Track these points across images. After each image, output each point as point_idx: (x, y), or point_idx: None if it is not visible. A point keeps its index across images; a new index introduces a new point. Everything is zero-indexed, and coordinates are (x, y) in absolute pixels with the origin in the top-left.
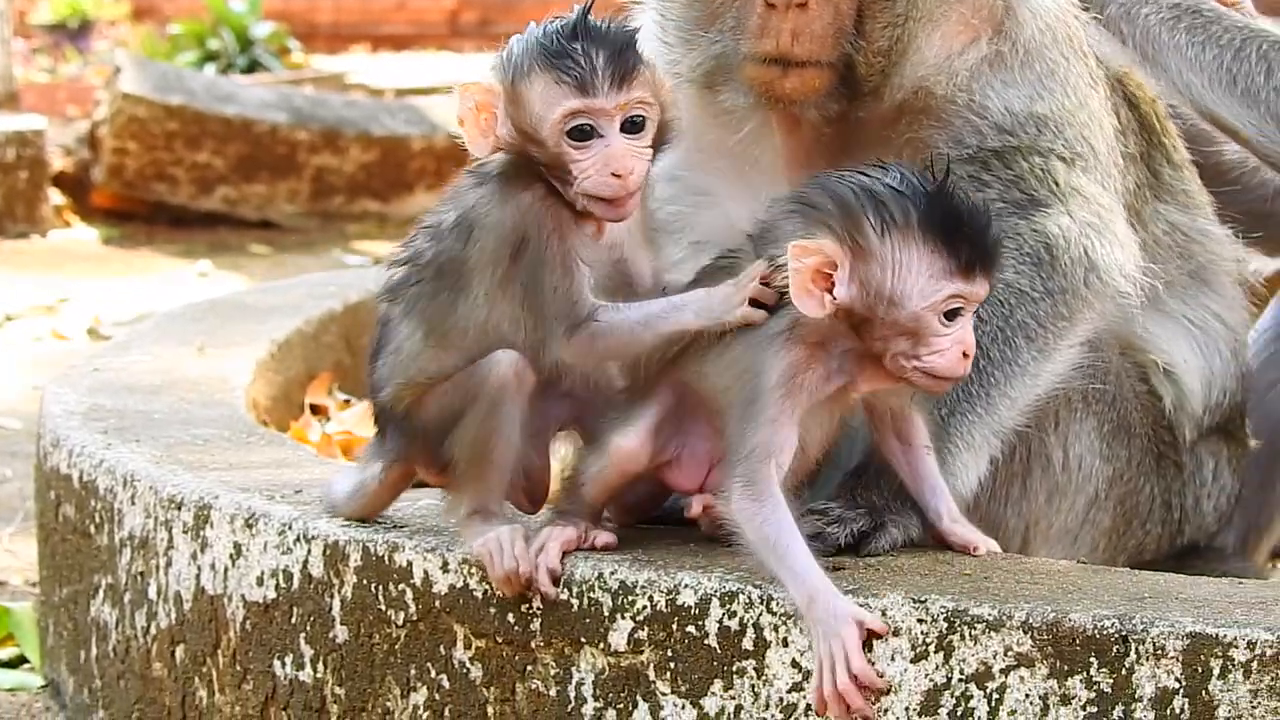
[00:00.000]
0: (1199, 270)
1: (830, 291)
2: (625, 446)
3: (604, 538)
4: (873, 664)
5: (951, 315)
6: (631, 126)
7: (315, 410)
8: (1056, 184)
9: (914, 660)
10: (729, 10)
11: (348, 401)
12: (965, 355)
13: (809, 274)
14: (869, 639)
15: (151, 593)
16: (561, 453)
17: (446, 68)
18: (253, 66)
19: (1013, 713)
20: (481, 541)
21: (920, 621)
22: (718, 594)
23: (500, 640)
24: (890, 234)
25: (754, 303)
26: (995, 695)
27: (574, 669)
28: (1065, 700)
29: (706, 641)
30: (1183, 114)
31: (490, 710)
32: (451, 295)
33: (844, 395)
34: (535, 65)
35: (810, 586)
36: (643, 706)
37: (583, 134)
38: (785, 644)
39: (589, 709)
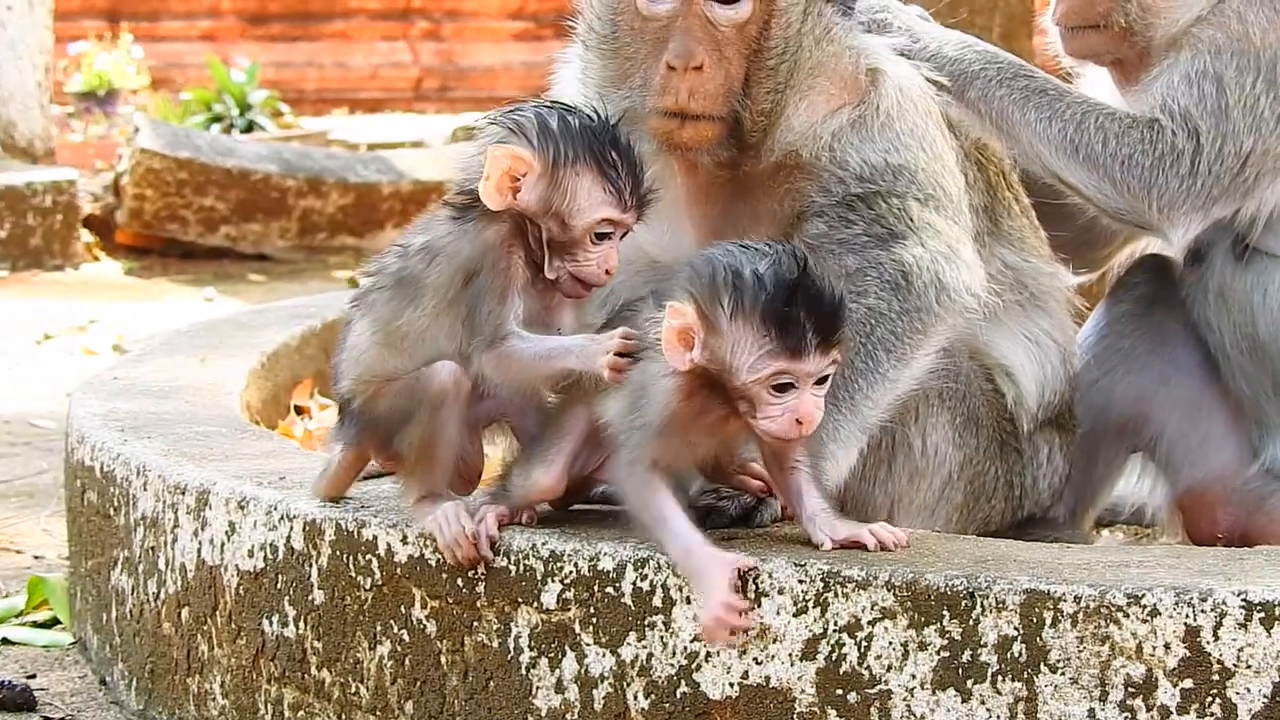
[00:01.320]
0: (1032, 298)
1: (690, 350)
2: (544, 483)
3: (528, 513)
4: (749, 603)
5: (781, 389)
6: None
7: (299, 411)
8: (911, 220)
9: (795, 615)
10: (638, 70)
11: (326, 404)
12: (799, 423)
13: (675, 334)
14: (744, 580)
15: (161, 564)
16: (499, 441)
17: (411, 126)
18: (250, 127)
19: (878, 657)
20: (431, 518)
21: (800, 582)
22: (632, 560)
23: (451, 601)
24: (736, 314)
25: (622, 355)
26: (864, 643)
27: (513, 624)
28: (922, 647)
29: (623, 600)
30: (1035, 174)
31: (443, 660)
32: (403, 304)
33: (723, 423)
34: (582, 157)
35: (685, 542)
36: (570, 655)
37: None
38: (689, 601)
39: (525, 657)
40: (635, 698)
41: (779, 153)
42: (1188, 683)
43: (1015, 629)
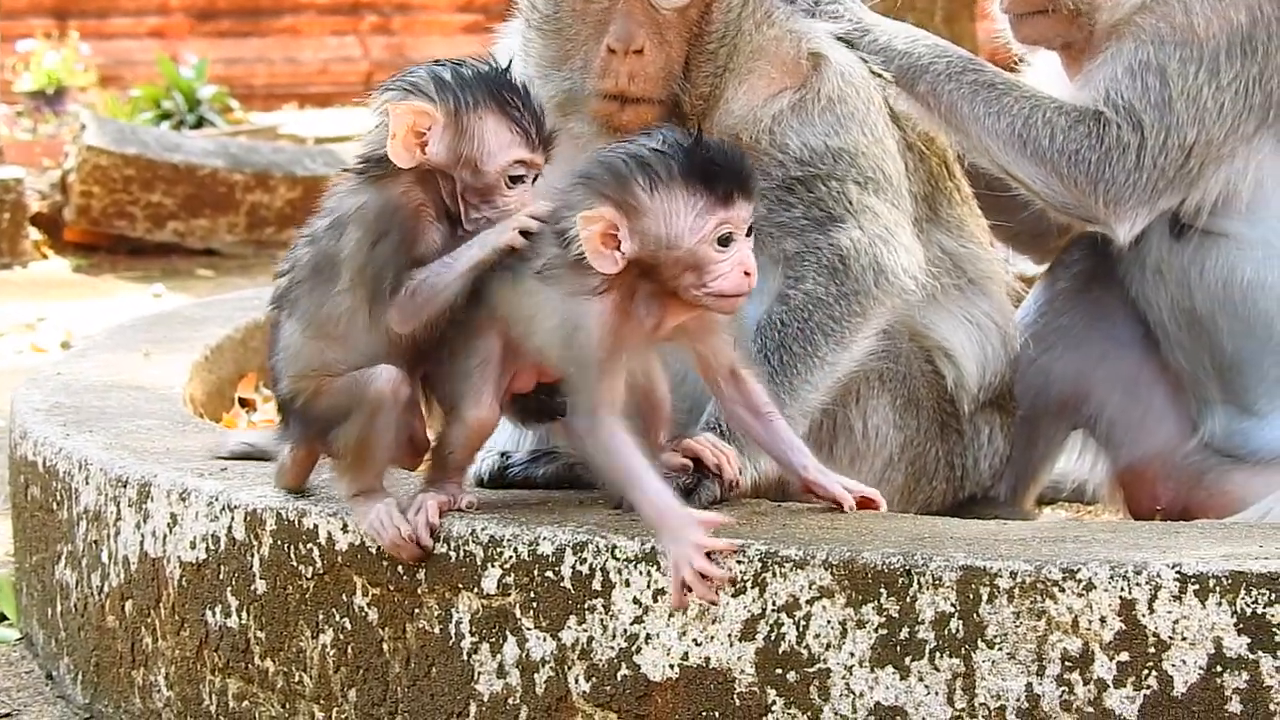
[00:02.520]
0: (971, 282)
1: (619, 249)
2: (480, 416)
3: (468, 499)
4: (725, 573)
5: (724, 241)
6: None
7: (244, 403)
8: (850, 203)
9: (734, 595)
10: (578, 53)
11: (270, 396)
12: (747, 273)
13: (597, 238)
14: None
15: (104, 557)
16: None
17: (361, 119)
18: (200, 123)
19: (817, 636)
20: (367, 523)
21: (739, 562)
22: (570, 544)
23: (392, 588)
24: (658, 187)
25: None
26: (803, 622)
27: (454, 610)
28: (860, 624)
29: (562, 584)
30: (983, 167)
31: (385, 646)
32: (325, 288)
33: (656, 333)
34: (483, 102)
35: (660, 504)
36: (511, 640)
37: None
38: (628, 584)
39: (467, 643)
40: (576, 681)
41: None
42: (1124, 656)
43: (952, 605)
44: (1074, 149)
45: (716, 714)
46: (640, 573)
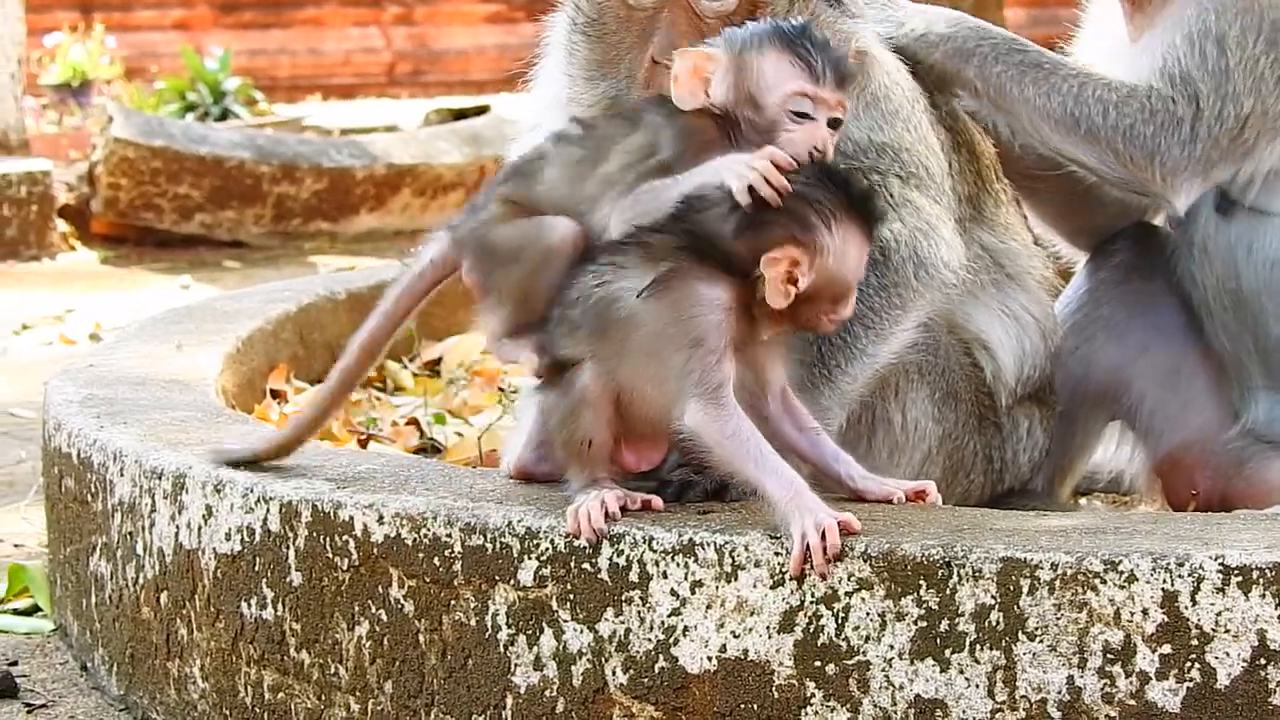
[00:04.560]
0: (1010, 277)
1: (795, 284)
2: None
3: (643, 498)
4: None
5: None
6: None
7: (275, 395)
8: (891, 196)
9: (772, 587)
10: (624, 59)
11: (302, 387)
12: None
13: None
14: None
15: (139, 549)
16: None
17: (385, 111)
18: (225, 115)
19: (856, 628)
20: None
21: (776, 554)
22: (608, 536)
23: (428, 580)
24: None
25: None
26: (841, 614)
27: (490, 602)
28: (900, 617)
29: (600, 576)
30: (1034, 147)
31: (421, 639)
32: (590, 164)
33: (749, 340)
34: (766, 38)
35: (792, 483)
36: (548, 632)
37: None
38: (665, 576)
39: (503, 635)
40: (614, 673)
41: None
42: (1166, 648)
43: (992, 597)
44: (1128, 124)
45: (755, 706)
46: (678, 564)
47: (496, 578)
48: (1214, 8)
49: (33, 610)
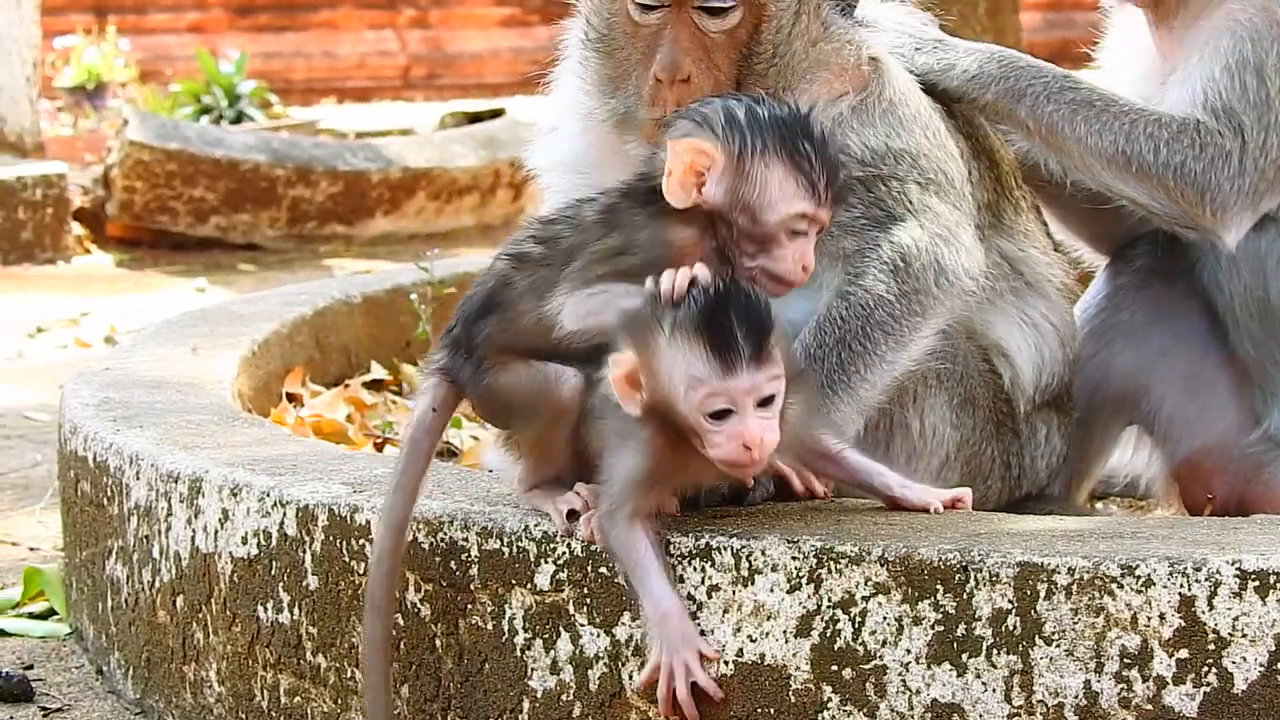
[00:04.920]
0: (1029, 285)
1: (639, 392)
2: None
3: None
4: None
5: (718, 415)
6: None
7: (290, 398)
8: (910, 203)
9: (789, 591)
10: (632, 74)
11: (318, 390)
12: (748, 447)
13: (623, 380)
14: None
15: (155, 553)
16: None
17: (399, 114)
18: (239, 118)
19: (873, 632)
20: (551, 505)
21: (794, 558)
22: None
23: (445, 584)
24: (675, 334)
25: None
26: (858, 618)
27: (506, 606)
28: (916, 621)
29: (616, 580)
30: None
31: (438, 643)
32: (561, 267)
33: (704, 463)
34: (770, 147)
35: (664, 608)
36: (565, 636)
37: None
38: (681, 580)
39: (520, 639)
40: (630, 677)
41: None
42: (1183, 653)
43: (1009, 602)
44: (1179, 161)
45: (771, 711)
46: (694, 569)
47: (513, 582)
48: (1249, 35)
49: (49, 614)
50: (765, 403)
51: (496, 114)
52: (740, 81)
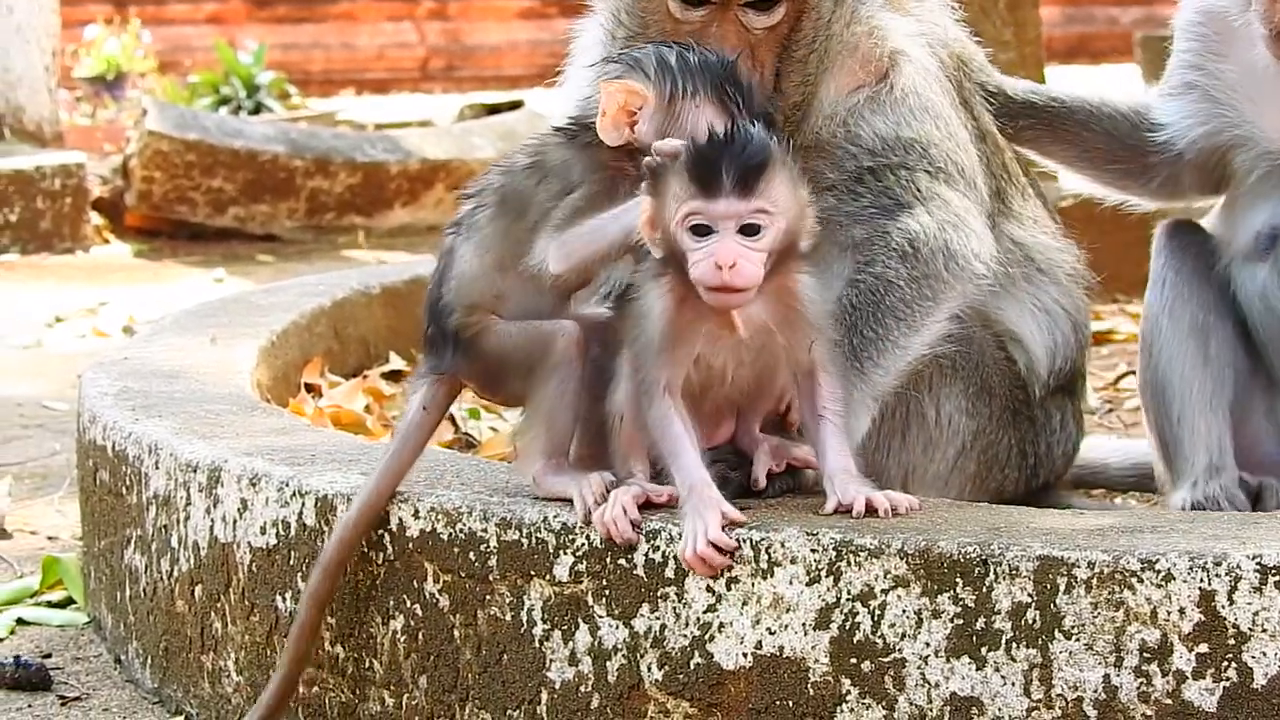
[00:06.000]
0: (1040, 270)
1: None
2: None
3: (668, 492)
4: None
5: (699, 231)
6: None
7: (309, 389)
8: (919, 191)
9: (808, 584)
10: None
11: (337, 381)
12: (719, 266)
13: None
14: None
15: (173, 542)
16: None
17: (418, 105)
18: (258, 109)
19: (892, 625)
20: (576, 488)
21: (813, 551)
22: (644, 532)
23: (463, 575)
24: (668, 172)
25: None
26: (877, 611)
27: (525, 597)
28: (936, 614)
29: (635, 572)
30: None
31: (457, 634)
32: (509, 222)
33: (725, 322)
34: (700, 89)
35: (692, 479)
36: (583, 627)
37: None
38: (716, 576)
39: (538, 630)
40: (649, 669)
41: (809, 139)
42: (1203, 647)
43: (1029, 596)
44: None
45: (790, 703)
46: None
47: (532, 573)
48: None
49: (67, 603)
50: (749, 231)
51: (515, 106)
52: (780, 71)
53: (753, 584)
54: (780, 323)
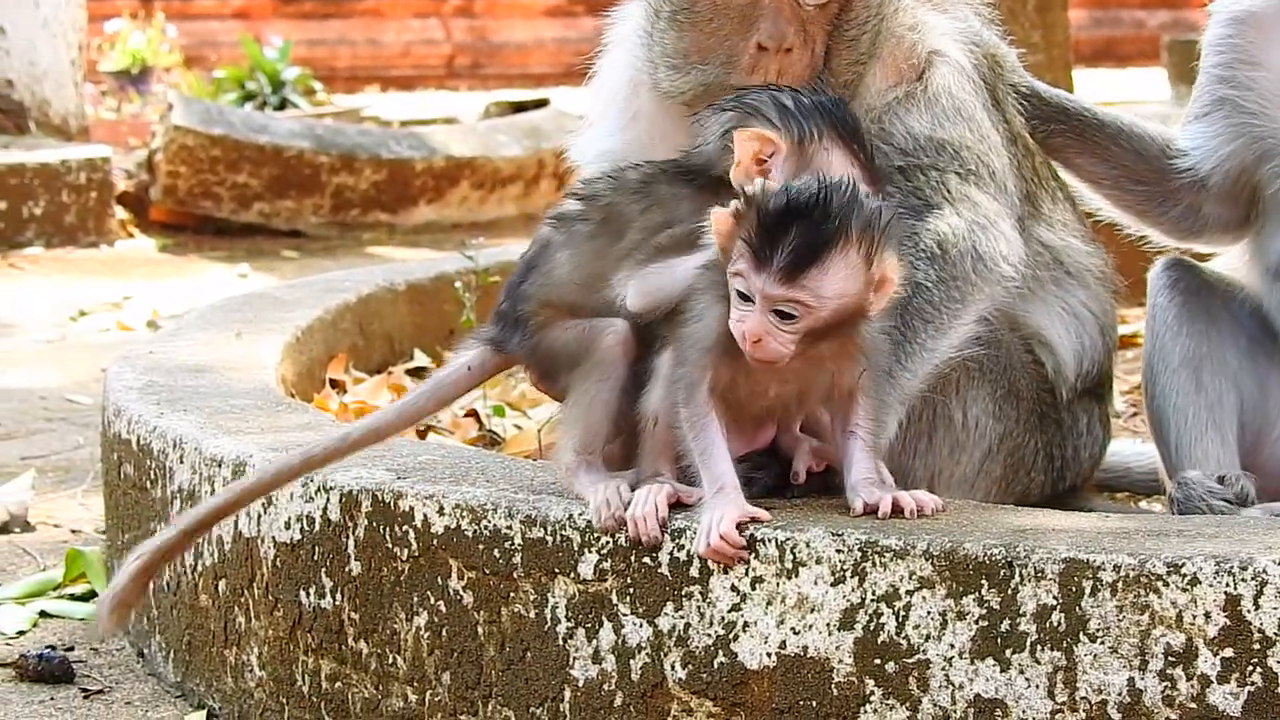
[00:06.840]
0: (1069, 274)
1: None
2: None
3: (698, 494)
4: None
5: (744, 296)
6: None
7: (334, 384)
8: (949, 192)
9: (833, 584)
10: (720, 47)
11: (361, 377)
12: (745, 336)
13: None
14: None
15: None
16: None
17: (443, 102)
18: (283, 105)
19: (917, 627)
20: (595, 490)
21: (838, 552)
22: (669, 530)
23: (488, 572)
24: (754, 211)
25: None
26: (902, 612)
27: (549, 595)
28: (960, 616)
29: (660, 570)
30: None
31: (480, 630)
32: (606, 242)
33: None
34: (827, 132)
35: (722, 481)
36: (607, 625)
37: None
38: (725, 571)
39: (562, 628)
40: (673, 667)
41: None
42: (1228, 652)
43: (1054, 598)
44: None
45: (814, 704)
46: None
47: (556, 570)
48: None
49: (90, 596)
50: (784, 316)
51: (541, 104)
52: (830, 51)
53: (777, 584)
54: (834, 355)
